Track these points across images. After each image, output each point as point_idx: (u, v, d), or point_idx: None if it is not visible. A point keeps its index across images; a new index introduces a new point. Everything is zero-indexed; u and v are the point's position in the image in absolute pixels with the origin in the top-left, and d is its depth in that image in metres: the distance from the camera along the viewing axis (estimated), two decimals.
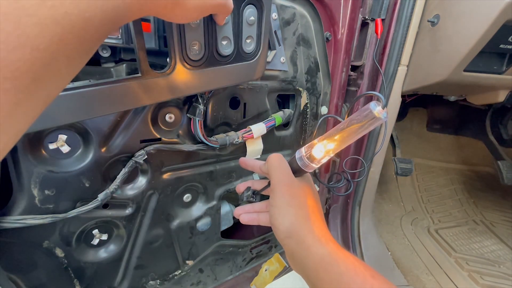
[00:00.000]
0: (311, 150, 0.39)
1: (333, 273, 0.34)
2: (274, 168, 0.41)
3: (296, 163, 0.40)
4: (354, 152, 0.93)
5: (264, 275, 0.84)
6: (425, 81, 0.83)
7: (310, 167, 0.39)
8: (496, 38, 0.69)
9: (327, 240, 0.37)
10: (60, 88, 0.21)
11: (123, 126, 0.49)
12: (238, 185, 0.50)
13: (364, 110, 0.33)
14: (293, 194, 0.40)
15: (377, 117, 0.32)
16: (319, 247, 0.36)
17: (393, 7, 0.76)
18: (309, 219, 0.39)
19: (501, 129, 1.53)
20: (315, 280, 0.36)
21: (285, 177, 0.40)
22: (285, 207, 0.39)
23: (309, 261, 0.36)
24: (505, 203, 1.45)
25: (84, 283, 0.55)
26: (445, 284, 0.96)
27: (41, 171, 0.43)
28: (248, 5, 0.45)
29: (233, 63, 0.48)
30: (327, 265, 0.35)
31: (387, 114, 0.32)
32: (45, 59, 0.17)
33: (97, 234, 0.54)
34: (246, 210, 0.47)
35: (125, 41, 0.42)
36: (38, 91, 0.18)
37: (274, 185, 0.40)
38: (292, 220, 0.38)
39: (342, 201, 1.02)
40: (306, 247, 0.37)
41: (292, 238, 0.38)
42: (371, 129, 0.33)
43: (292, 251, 0.39)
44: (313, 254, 0.36)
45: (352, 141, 0.36)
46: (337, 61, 0.77)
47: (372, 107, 0.32)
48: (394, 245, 1.15)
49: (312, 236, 0.37)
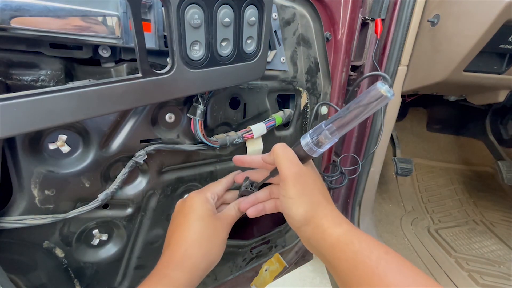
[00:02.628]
0: (318, 135, 0.39)
1: (349, 252, 0.36)
2: (282, 158, 0.41)
3: (303, 149, 0.40)
4: (354, 151, 0.94)
5: (264, 275, 0.84)
6: (425, 81, 0.83)
7: (316, 152, 0.40)
8: (496, 38, 0.69)
9: (341, 222, 0.39)
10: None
11: (123, 126, 0.49)
12: (237, 176, 0.51)
13: (371, 90, 0.33)
14: (304, 182, 0.41)
15: (384, 96, 0.32)
16: (334, 229, 0.38)
17: (393, 7, 0.76)
18: (321, 204, 0.41)
19: (501, 129, 1.53)
20: (332, 259, 0.38)
21: (294, 166, 0.40)
22: (299, 196, 0.40)
23: (326, 243, 0.38)
24: (505, 203, 1.45)
25: (84, 283, 0.55)
26: (445, 284, 0.96)
27: (41, 171, 0.43)
28: (249, 5, 0.45)
29: (234, 63, 0.48)
30: (342, 245, 0.37)
31: (393, 92, 0.33)
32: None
33: (97, 234, 0.54)
34: (251, 202, 0.48)
35: (125, 41, 0.42)
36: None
37: (285, 176, 0.40)
38: (307, 208, 0.40)
39: (342, 201, 1.02)
40: (322, 230, 0.39)
41: (308, 225, 0.40)
42: (378, 108, 0.34)
43: (308, 237, 0.40)
44: (329, 236, 0.38)
45: (358, 122, 0.36)
46: (337, 61, 0.77)
47: (380, 86, 0.33)
48: (394, 245, 1.15)
49: (326, 220, 0.39)
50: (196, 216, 0.44)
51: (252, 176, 0.49)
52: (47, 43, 0.39)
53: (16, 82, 0.39)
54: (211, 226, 0.44)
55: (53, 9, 0.34)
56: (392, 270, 0.33)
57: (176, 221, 0.46)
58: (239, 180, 0.50)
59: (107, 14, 0.38)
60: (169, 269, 0.40)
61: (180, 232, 0.44)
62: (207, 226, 0.44)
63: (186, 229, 0.43)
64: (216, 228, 0.45)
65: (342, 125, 0.37)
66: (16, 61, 0.38)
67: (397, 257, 0.35)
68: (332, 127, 0.37)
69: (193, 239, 0.42)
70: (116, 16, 0.38)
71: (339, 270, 0.37)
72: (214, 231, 0.44)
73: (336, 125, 0.37)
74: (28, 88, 0.37)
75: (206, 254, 0.43)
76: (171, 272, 0.40)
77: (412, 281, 0.32)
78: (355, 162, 0.94)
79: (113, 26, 0.39)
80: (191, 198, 0.47)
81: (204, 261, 0.43)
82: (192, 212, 0.44)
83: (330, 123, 0.38)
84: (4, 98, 0.30)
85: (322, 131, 0.38)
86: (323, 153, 0.89)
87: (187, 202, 0.47)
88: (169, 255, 0.42)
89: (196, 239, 0.42)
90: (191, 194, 0.48)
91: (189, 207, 0.45)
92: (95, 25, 0.38)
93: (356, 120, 0.36)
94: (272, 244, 0.90)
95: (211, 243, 0.44)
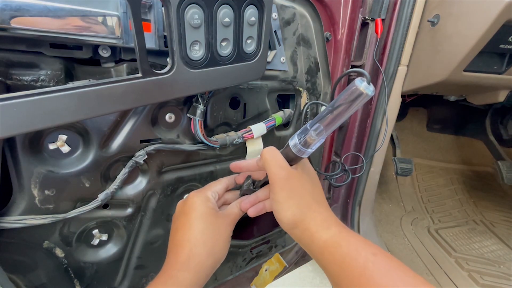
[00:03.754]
0: (305, 135, 0.39)
1: (337, 255, 0.37)
2: (269, 162, 0.41)
3: (291, 151, 0.40)
4: (354, 151, 0.94)
5: (264, 275, 0.84)
6: (425, 81, 0.83)
7: (305, 153, 0.40)
8: (496, 38, 0.69)
9: (329, 225, 0.40)
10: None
11: (123, 126, 0.49)
12: (237, 176, 0.51)
13: (350, 88, 0.33)
14: (292, 186, 0.41)
15: (363, 93, 0.32)
16: (322, 232, 0.39)
17: (393, 7, 0.76)
18: (311, 207, 0.41)
19: (501, 129, 1.53)
20: (322, 261, 0.39)
21: (281, 170, 0.40)
22: (286, 200, 0.40)
23: (315, 246, 0.39)
24: (505, 203, 1.45)
25: (84, 283, 0.55)
26: (445, 284, 0.96)
27: (41, 171, 0.43)
28: (249, 5, 0.45)
29: (234, 63, 0.48)
30: (331, 248, 0.38)
31: (373, 89, 0.32)
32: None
33: (97, 234, 0.54)
34: (252, 202, 0.48)
35: (125, 41, 0.42)
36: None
37: (272, 180, 0.41)
38: (294, 212, 0.40)
39: (342, 201, 1.02)
40: (310, 234, 0.39)
41: (297, 228, 0.40)
42: (360, 105, 0.34)
43: (298, 239, 0.41)
44: (317, 240, 0.39)
45: (343, 120, 0.36)
46: (337, 61, 0.77)
47: (358, 84, 0.32)
48: (394, 245, 1.15)
49: (314, 224, 0.40)
50: (198, 215, 0.44)
51: (253, 175, 0.49)
52: (47, 43, 0.39)
53: (16, 82, 0.39)
54: (214, 224, 0.44)
55: (53, 9, 0.34)
56: (380, 271, 0.34)
57: (178, 222, 0.46)
58: (239, 181, 0.50)
59: (107, 14, 0.38)
60: (175, 270, 0.40)
61: (183, 233, 0.43)
62: (210, 224, 0.44)
63: (189, 229, 0.43)
64: (219, 225, 0.45)
65: (327, 125, 0.37)
66: (16, 61, 0.38)
67: (386, 257, 0.35)
68: (318, 127, 0.37)
69: (197, 238, 0.42)
70: (116, 16, 0.38)
71: (329, 272, 0.38)
72: (218, 228, 0.44)
73: (321, 124, 0.37)
74: (28, 88, 0.37)
75: (211, 252, 0.43)
76: (177, 273, 0.40)
77: (399, 281, 0.33)
78: (356, 162, 0.94)
79: (113, 26, 0.39)
80: (192, 197, 0.47)
81: (210, 259, 0.43)
82: (194, 211, 0.44)
83: (315, 123, 0.38)
84: (4, 98, 0.30)
85: (308, 132, 0.38)
86: (324, 154, 0.89)
87: (188, 202, 0.46)
88: (174, 256, 0.42)
89: (200, 238, 0.42)
90: (192, 194, 0.48)
91: (190, 207, 0.45)
92: (95, 25, 0.38)
93: (340, 118, 0.36)
94: (272, 244, 0.90)
95: (215, 240, 0.44)
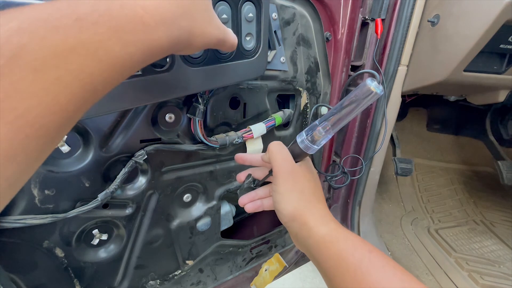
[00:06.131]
0: (312, 132, 0.40)
1: (334, 249, 0.37)
2: (275, 155, 0.42)
3: (298, 147, 0.41)
4: (354, 151, 0.94)
5: (264, 275, 0.84)
6: (425, 81, 0.83)
7: (311, 149, 0.41)
8: (496, 38, 0.69)
9: (327, 221, 0.41)
10: None
11: (123, 126, 0.49)
12: (239, 175, 0.52)
13: (361, 87, 0.35)
14: (295, 180, 0.42)
15: (373, 92, 0.34)
16: (320, 227, 0.39)
17: (393, 7, 0.76)
18: (311, 202, 0.42)
19: (501, 129, 1.53)
20: (318, 256, 0.39)
21: (286, 163, 0.42)
22: (288, 192, 0.41)
23: (312, 241, 0.39)
24: (505, 203, 1.45)
25: (84, 283, 0.55)
26: (445, 284, 0.96)
27: (41, 171, 0.43)
28: (246, 2, 0.45)
29: (234, 60, 0.48)
30: (327, 243, 0.38)
31: (383, 88, 0.34)
32: None
33: (97, 234, 0.54)
34: (251, 198, 0.49)
35: None
36: None
37: (276, 172, 0.42)
38: (294, 205, 0.41)
39: (342, 201, 1.02)
40: (308, 228, 0.40)
41: (295, 221, 0.41)
42: (368, 104, 0.36)
43: (296, 233, 0.42)
44: (315, 234, 0.39)
45: (351, 118, 0.38)
46: (337, 61, 0.77)
47: (369, 83, 0.34)
48: (394, 245, 1.16)
49: (313, 218, 0.40)
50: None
51: (254, 173, 0.50)
52: None
53: None
54: None
55: None
56: (375, 268, 0.34)
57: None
58: (240, 179, 0.51)
59: None
60: None
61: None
62: None
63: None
64: None
65: (336, 122, 0.38)
66: None
67: (381, 255, 0.36)
68: (326, 124, 0.39)
69: None
70: None
71: (324, 267, 0.38)
72: None
73: (330, 122, 0.39)
74: None
75: None
76: None
77: (394, 278, 0.33)
78: (356, 163, 0.94)
79: None
80: None
81: None
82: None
83: (324, 120, 0.39)
84: None
85: (316, 128, 0.40)
86: (324, 154, 0.89)
87: None
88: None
89: None
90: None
91: None
92: None
93: (349, 116, 0.37)
94: (272, 244, 0.90)
95: None
